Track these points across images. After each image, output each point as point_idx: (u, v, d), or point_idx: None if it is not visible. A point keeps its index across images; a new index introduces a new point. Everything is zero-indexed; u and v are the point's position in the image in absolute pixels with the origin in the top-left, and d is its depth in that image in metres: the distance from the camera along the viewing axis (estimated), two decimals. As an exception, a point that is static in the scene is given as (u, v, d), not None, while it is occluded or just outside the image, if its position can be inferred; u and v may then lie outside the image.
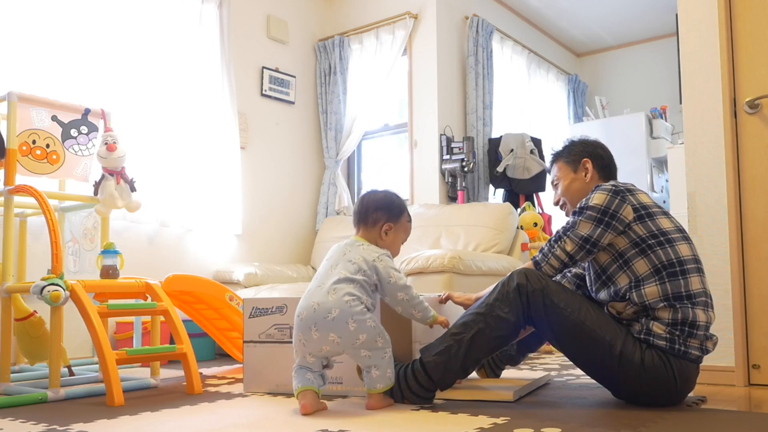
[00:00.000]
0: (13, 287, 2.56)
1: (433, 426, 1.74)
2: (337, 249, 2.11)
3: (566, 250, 2.01)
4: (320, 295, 1.97)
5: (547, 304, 1.97)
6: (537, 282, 1.99)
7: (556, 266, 2.04)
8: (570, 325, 1.95)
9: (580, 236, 1.99)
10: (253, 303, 2.42)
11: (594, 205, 1.98)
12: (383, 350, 1.97)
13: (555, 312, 1.96)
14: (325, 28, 5.09)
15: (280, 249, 4.58)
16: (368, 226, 2.12)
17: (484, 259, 3.40)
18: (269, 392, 2.37)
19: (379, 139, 5.06)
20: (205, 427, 1.78)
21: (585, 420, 1.76)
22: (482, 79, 4.69)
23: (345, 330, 1.92)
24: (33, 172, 2.75)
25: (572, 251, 2.00)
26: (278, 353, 2.36)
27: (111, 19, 3.64)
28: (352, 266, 2.01)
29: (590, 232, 1.97)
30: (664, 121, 5.51)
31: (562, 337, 2.00)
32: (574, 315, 1.94)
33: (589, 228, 1.98)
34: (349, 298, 1.94)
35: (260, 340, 2.39)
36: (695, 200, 2.55)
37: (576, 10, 5.62)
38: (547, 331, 2.03)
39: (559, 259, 2.03)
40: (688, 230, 2.53)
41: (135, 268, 3.57)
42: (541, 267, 2.06)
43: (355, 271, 2.00)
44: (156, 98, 3.81)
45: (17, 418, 1.97)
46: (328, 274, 2.03)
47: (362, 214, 2.14)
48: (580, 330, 1.94)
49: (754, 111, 2.46)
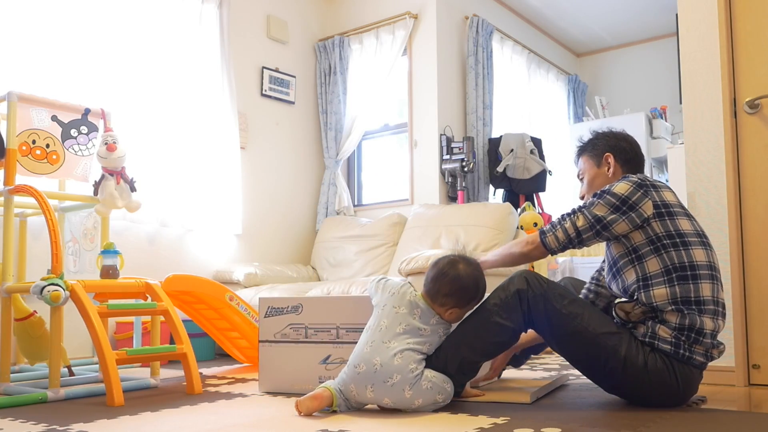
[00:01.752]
0: (13, 287, 2.56)
1: (433, 426, 1.74)
2: (401, 298, 2.00)
3: (576, 224, 1.98)
4: (385, 356, 1.89)
5: (548, 309, 1.94)
6: (538, 287, 1.96)
7: (562, 239, 2.01)
8: (572, 330, 1.93)
9: (594, 215, 1.96)
10: (269, 302, 2.41)
11: (615, 192, 1.96)
12: (441, 403, 1.93)
13: (557, 317, 1.94)
14: (325, 28, 5.09)
15: (280, 249, 4.58)
16: (435, 304, 1.99)
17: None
18: (284, 392, 2.36)
19: (379, 139, 5.05)
20: (205, 427, 1.78)
21: (585, 420, 1.75)
22: (482, 79, 4.69)
23: (401, 396, 1.87)
24: (33, 172, 2.75)
25: (582, 227, 1.98)
26: (293, 353, 2.34)
27: (111, 19, 3.64)
28: (420, 336, 1.94)
29: (604, 215, 1.95)
30: (664, 121, 5.51)
31: (564, 341, 1.99)
32: (577, 321, 1.92)
33: (605, 211, 1.95)
34: (413, 366, 1.88)
35: (276, 339, 2.38)
36: (695, 200, 2.55)
37: (576, 10, 5.62)
38: (549, 336, 2.02)
39: (567, 232, 2.00)
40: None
41: (135, 268, 3.57)
42: (546, 236, 2.03)
43: (423, 341, 1.94)
44: (156, 98, 3.81)
45: (17, 418, 1.97)
46: (391, 328, 1.94)
47: (433, 292, 2.00)
48: (583, 335, 1.92)
49: (754, 111, 2.46)
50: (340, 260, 4.32)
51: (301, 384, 2.31)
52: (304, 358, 2.33)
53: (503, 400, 2.07)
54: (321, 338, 2.31)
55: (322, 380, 2.22)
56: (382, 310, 2.01)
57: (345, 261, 4.29)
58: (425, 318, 1.97)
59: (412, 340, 1.92)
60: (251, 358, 3.27)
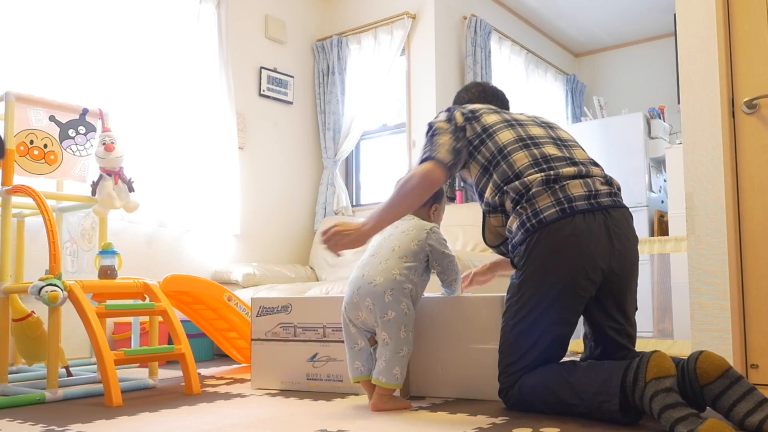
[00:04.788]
0: (10, 288, 2.55)
1: (433, 426, 1.74)
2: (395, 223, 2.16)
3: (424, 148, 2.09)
4: (372, 265, 2.04)
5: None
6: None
7: (440, 150, 2.05)
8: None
9: (424, 148, 2.10)
10: (260, 302, 2.51)
11: (433, 122, 2.13)
12: (400, 346, 1.96)
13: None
14: (324, 28, 5.09)
15: (279, 249, 4.57)
16: (421, 210, 2.18)
17: (482, 259, 3.40)
18: (275, 389, 2.43)
19: (378, 139, 5.05)
20: (204, 428, 1.78)
21: (584, 420, 1.75)
22: (480, 80, 4.69)
23: (380, 299, 1.97)
24: (31, 173, 2.75)
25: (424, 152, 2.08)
26: (284, 351, 2.43)
27: (109, 19, 3.64)
28: (405, 239, 2.07)
29: (429, 142, 2.10)
30: (662, 121, 5.52)
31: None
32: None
33: (429, 140, 2.10)
34: (397, 274, 2.00)
35: (267, 338, 2.47)
36: (693, 200, 2.55)
37: (574, 10, 5.63)
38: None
39: (436, 143, 2.06)
40: (686, 230, 2.53)
41: (133, 268, 3.56)
42: (431, 158, 2.04)
43: (407, 250, 2.05)
44: (154, 98, 3.80)
45: (15, 419, 1.97)
46: (381, 244, 2.10)
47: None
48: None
49: (752, 111, 2.46)
50: (338, 260, 4.32)
51: (291, 381, 2.41)
52: (293, 355, 2.42)
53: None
54: (309, 337, 2.40)
55: (310, 377, 2.36)
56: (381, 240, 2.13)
57: (343, 261, 4.29)
58: (406, 222, 2.13)
59: (398, 247, 2.06)
60: (249, 359, 3.26)
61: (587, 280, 1.84)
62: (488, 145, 1.99)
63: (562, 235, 1.82)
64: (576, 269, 1.82)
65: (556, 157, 1.93)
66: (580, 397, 1.72)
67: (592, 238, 1.82)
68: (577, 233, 1.82)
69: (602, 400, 1.66)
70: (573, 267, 1.82)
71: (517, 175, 1.91)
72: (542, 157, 1.93)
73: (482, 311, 2.17)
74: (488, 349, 2.12)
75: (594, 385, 1.68)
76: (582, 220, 1.83)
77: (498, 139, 1.98)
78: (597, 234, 1.83)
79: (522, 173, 1.90)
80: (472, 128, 2.04)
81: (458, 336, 2.19)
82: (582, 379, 1.73)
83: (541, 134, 2.02)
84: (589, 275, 1.83)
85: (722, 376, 1.63)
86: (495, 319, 2.13)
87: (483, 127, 2.03)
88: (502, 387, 1.92)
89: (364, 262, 2.09)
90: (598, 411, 1.69)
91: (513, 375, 1.88)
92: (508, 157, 1.94)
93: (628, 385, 1.60)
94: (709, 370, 1.63)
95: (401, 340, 1.97)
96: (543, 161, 1.91)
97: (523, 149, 1.95)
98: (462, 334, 2.19)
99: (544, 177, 1.87)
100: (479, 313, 2.18)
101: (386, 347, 1.97)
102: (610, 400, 1.64)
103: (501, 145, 1.97)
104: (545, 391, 1.80)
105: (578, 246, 1.82)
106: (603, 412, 1.67)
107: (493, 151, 1.97)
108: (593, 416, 1.71)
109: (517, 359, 1.88)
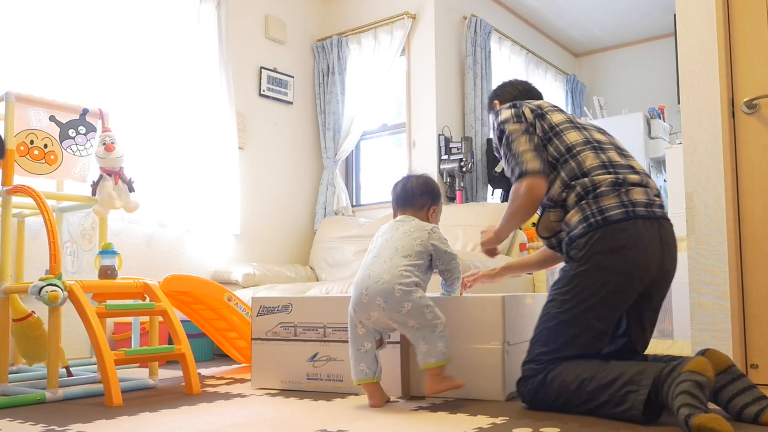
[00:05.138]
0: (11, 288, 2.55)
1: (432, 426, 1.74)
2: (390, 224, 2.19)
3: (517, 148, 2.06)
4: (377, 265, 2.06)
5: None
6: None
7: (530, 159, 2.05)
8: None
9: (512, 130, 2.10)
10: (261, 302, 2.51)
11: (501, 120, 2.13)
12: (433, 324, 1.99)
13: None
14: (324, 28, 5.09)
15: (279, 249, 4.57)
16: (416, 208, 2.22)
17: (482, 259, 3.40)
18: (276, 388, 2.43)
19: (378, 139, 5.05)
20: (204, 428, 1.78)
21: (584, 420, 1.76)
22: (480, 79, 4.69)
23: (391, 295, 1.98)
24: (31, 173, 2.75)
25: (521, 148, 2.06)
26: (283, 350, 2.44)
27: (109, 19, 3.64)
28: (408, 240, 2.09)
29: (508, 138, 2.10)
30: (662, 121, 5.52)
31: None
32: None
33: (506, 141, 2.10)
34: (402, 270, 2.02)
35: (267, 337, 2.48)
36: (693, 200, 2.55)
37: (574, 10, 5.63)
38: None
39: (523, 155, 2.05)
40: (686, 230, 2.53)
41: (133, 268, 3.57)
42: (524, 173, 2.03)
43: (410, 250, 2.07)
44: (154, 98, 3.80)
45: (15, 419, 1.97)
46: (384, 246, 2.11)
47: (409, 199, 2.22)
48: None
49: (752, 111, 2.46)
50: (338, 260, 4.32)
51: (291, 380, 2.42)
52: (294, 355, 2.42)
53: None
54: (309, 336, 2.40)
55: (311, 377, 2.36)
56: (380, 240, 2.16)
57: (343, 261, 4.29)
58: (408, 224, 2.15)
59: (401, 246, 2.08)
60: (249, 359, 3.26)
61: (639, 282, 1.90)
62: (556, 144, 2.03)
63: (625, 235, 1.87)
64: (632, 269, 1.88)
65: (620, 164, 1.99)
66: (606, 385, 1.73)
67: (650, 243, 1.89)
68: (638, 236, 1.88)
69: (629, 390, 1.68)
70: (630, 267, 1.87)
71: (584, 173, 1.96)
72: (609, 161, 1.98)
73: (482, 311, 2.17)
74: (488, 349, 2.12)
75: (626, 375, 1.71)
76: (642, 225, 1.89)
77: (566, 138, 2.03)
78: (653, 241, 1.90)
79: (590, 172, 1.95)
80: (541, 125, 2.08)
81: (458, 336, 2.19)
82: (614, 368, 1.75)
83: (604, 140, 2.07)
84: (642, 277, 1.90)
85: (725, 371, 1.70)
86: (495, 319, 2.13)
87: (550, 125, 2.07)
88: (526, 375, 1.92)
89: (368, 263, 2.10)
90: (620, 401, 1.69)
91: (543, 364, 1.89)
92: (576, 156, 1.99)
93: (662, 376, 1.63)
94: (714, 364, 1.68)
95: (429, 320, 1.99)
96: (610, 165, 1.97)
97: (592, 151, 2.00)
98: (462, 334, 2.19)
99: (613, 179, 1.93)
100: (479, 313, 2.18)
101: (418, 331, 1.99)
102: (638, 390, 1.66)
103: (570, 144, 2.02)
104: (571, 378, 1.81)
105: (638, 248, 1.87)
106: (625, 402, 1.68)
107: (561, 150, 2.01)
108: (608, 409, 1.72)
109: (552, 349, 1.89)
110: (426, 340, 1.98)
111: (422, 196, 2.22)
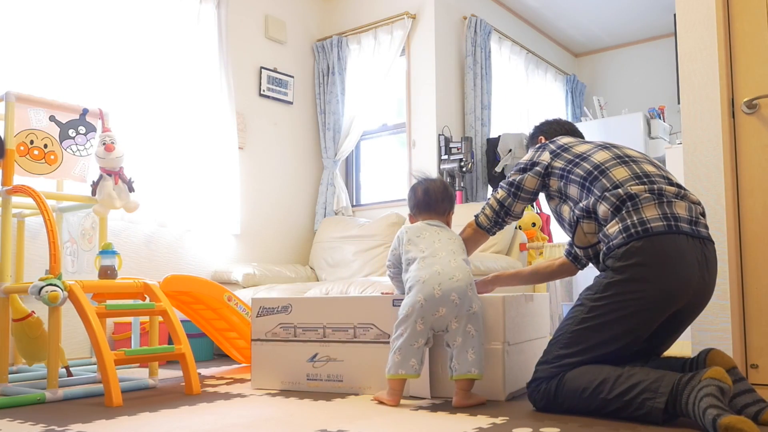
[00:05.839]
0: (11, 288, 2.55)
1: (432, 426, 1.74)
2: (425, 227, 2.23)
3: (497, 197, 2.21)
4: (444, 264, 2.08)
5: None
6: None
7: (490, 214, 2.22)
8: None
9: (508, 182, 2.19)
10: (261, 303, 2.51)
11: (521, 160, 2.20)
12: (480, 336, 2.04)
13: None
14: (324, 28, 5.09)
15: (279, 249, 4.57)
16: (438, 213, 2.30)
17: (482, 259, 3.41)
18: (275, 389, 2.44)
19: (378, 139, 5.05)
20: (204, 428, 1.78)
21: (584, 420, 1.75)
22: (480, 79, 4.69)
23: (465, 293, 2.03)
24: (31, 173, 2.75)
25: (501, 197, 2.19)
26: (283, 351, 2.44)
27: (109, 19, 3.64)
28: (456, 245, 2.17)
29: (515, 178, 2.17)
30: (662, 121, 5.52)
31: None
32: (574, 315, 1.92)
33: (515, 176, 2.18)
34: (469, 271, 2.10)
35: (267, 338, 2.48)
36: (693, 200, 2.55)
37: (574, 10, 5.63)
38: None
39: (492, 207, 2.21)
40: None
41: (133, 268, 3.57)
42: (478, 218, 2.25)
43: (462, 255, 2.15)
44: (154, 98, 3.80)
45: (15, 419, 1.97)
46: (436, 248, 2.13)
47: (432, 204, 2.30)
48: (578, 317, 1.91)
49: (752, 111, 2.46)
50: (338, 260, 4.32)
51: (291, 381, 2.42)
52: (293, 355, 2.43)
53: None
54: (309, 337, 2.40)
55: (310, 378, 2.37)
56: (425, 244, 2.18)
57: (343, 261, 4.29)
58: (446, 231, 2.26)
59: (455, 247, 2.16)
60: (249, 359, 3.26)
61: (675, 300, 1.81)
62: (583, 165, 2.01)
63: (667, 249, 1.79)
64: (671, 286, 1.79)
65: (656, 175, 1.94)
66: (622, 393, 1.70)
67: (693, 262, 1.81)
68: (681, 252, 1.80)
69: (646, 397, 1.66)
70: (669, 283, 1.79)
71: (616, 185, 1.91)
72: (642, 172, 1.93)
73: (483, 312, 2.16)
74: (488, 349, 2.12)
75: (644, 383, 1.68)
76: (685, 241, 1.81)
77: (594, 159, 2.01)
78: (695, 260, 1.82)
79: (622, 184, 1.90)
80: (562, 160, 2.09)
81: (458, 336, 2.19)
82: (631, 375, 1.71)
83: (636, 155, 2.03)
84: (678, 296, 1.81)
85: (728, 372, 1.70)
86: (496, 320, 2.13)
87: (574, 154, 2.07)
88: (539, 376, 1.89)
89: (429, 262, 2.09)
90: (638, 407, 1.67)
91: (560, 367, 1.84)
92: (606, 171, 1.95)
93: (681, 385, 1.62)
94: (718, 364, 1.71)
95: (482, 331, 2.06)
96: (643, 176, 1.92)
97: (622, 165, 1.96)
98: (462, 334, 2.19)
99: (648, 188, 1.88)
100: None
101: (473, 339, 2.02)
102: (655, 398, 1.64)
103: (597, 162, 1.99)
104: (585, 384, 1.77)
105: (679, 265, 1.79)
106: (642, 408, 1.66)
107: (589, 169, 1.99)
108: (624, 414, 1.71)
109: (572, 352, 1.84)
110: (476, 350, 2.01)
111: (443, 202, 2.31)
